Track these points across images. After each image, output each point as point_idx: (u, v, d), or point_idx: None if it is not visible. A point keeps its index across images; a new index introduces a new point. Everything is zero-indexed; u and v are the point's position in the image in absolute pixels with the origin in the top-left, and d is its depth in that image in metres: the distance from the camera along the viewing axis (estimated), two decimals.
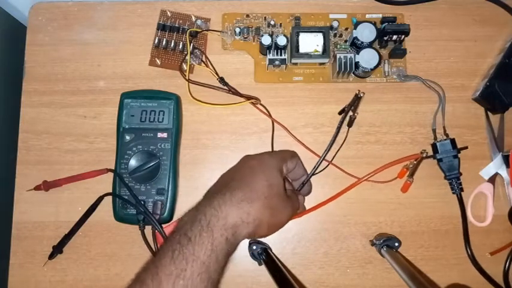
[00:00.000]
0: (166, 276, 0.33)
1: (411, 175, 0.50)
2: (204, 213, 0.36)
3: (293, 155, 0.47)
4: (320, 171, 0.51)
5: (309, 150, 0.51)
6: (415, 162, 0.50)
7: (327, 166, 0.51)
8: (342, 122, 0.51)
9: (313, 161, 0.50)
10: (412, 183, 0.50)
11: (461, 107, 0.53)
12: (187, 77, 0.52)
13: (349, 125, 0.52)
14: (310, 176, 0.49)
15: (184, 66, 0.53)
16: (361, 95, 0.50)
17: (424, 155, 0.50)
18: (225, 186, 0.39)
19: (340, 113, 0.52)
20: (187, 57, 0.52)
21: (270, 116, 0.52)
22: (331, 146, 0.50)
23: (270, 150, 0.52)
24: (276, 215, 0.40)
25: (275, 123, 0.52)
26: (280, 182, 0.41)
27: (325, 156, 0.50)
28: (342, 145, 0.51)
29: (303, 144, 0.51)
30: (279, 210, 0.40)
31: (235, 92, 0.52)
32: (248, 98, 0.52)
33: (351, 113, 0.51)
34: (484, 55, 0.55)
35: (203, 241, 0.34)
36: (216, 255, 0.34)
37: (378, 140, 0.52)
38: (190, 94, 0.52)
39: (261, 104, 0.52)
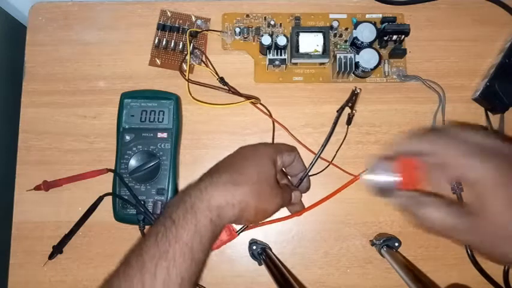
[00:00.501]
0: (149, 257, 0.34)
1: None
2: (189, 195, 0.37)
3: (291, 149, 0.47)
4: (321, 171, 0.51)
5: (309, 150, 0.51)
6: None
7: (328, 166, 0.51)
8: (338, 118, 0.51)
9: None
10: None
11: (461, 107, 0.53)
12: (187, 77, 0.52)
13: (348, 123, 0.52)
14: (308, 172, 0.49)
15: (184, 66, 0.53)
16: (358, 90, 0.50)
17: None
18: (215, 171, 0.40)
19: (338, 111, 0.52)
20: (188, 57, 0.52)
21: (270, 115, 0.52)
22: (327, 142, 0.50)
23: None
24: (263, 201, 0.39)
25: (275, 123, 0.52)
26: (271, 171, 0.41)
27: (321, 153, 0.50)
28: (341, 145, 0.51)
29: (303, 144, 0.51)
30: (267, 197, 0.40)
31: (235, 92, 0.52)
32: (248, 97, 0.52)
33: (349, 110, 0.51)
34: (484, 55, 0.54)
35: (186, 222, 0.35)
36: (199, 235, 0.35)
37: (378, 140, 0.52)
38: (190, 94, 0.52)
39: (261, 104, 0.52)
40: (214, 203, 0.36)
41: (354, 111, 0.51)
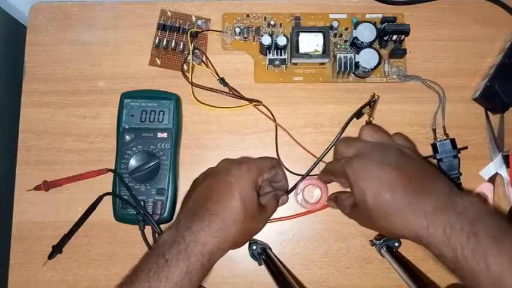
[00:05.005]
0: None
1: None
2: (183, 237, 0.38)
3: (273, 165, 0.45)
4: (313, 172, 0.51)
5: (310, 153, 0.51)
6: None
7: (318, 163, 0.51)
8: (348, 123, 0.50)
9: (313, 162, 0.50)
10: None
11: (461, 107, 0.53)
12: (190, 80, 0.51)
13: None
14: (304, 176, 0.50)
15: (185, 67, 0.53)
16: (376, 98, 0.49)
17: None
18: (203, 207, 0.40)
19: (357, 117, 0.51)
20: (190, 57, 0.52)
21: (274, 120, 0.52)
22: (331, 147, 0.50)
23: (270, 151, 0.52)
24: (249, 233, 0.43)
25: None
26: (254, 200, 0.41)
27: (322, 158, 0.50)
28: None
29: (304, 148, 0.51)
30: (253, 229, 0.43)
31: (238, 96, 0.52)
32: (251, 100, 0.52)
33: (366, 117, 0.51)
34: (484, 55, 0.54)
35: (179, 263, 0.37)
36: (189, 277, 0.37)
37: None
38: (195, 97, 0.51)
39: (263, 106, 0.52)
40: (207, 248, 0.38)
41: (371, 118, 0.50)
